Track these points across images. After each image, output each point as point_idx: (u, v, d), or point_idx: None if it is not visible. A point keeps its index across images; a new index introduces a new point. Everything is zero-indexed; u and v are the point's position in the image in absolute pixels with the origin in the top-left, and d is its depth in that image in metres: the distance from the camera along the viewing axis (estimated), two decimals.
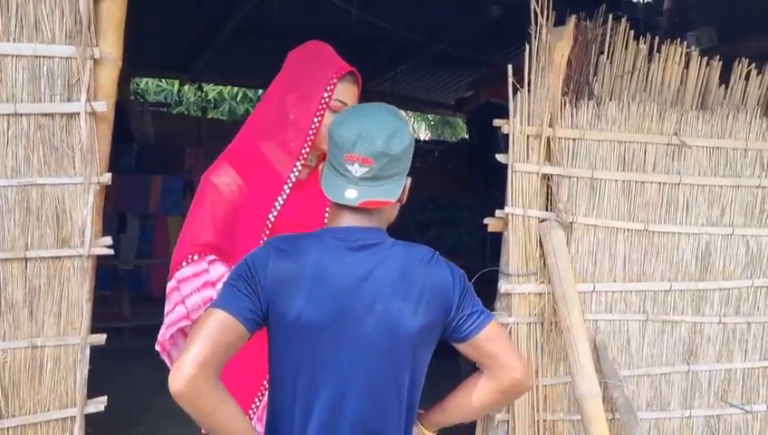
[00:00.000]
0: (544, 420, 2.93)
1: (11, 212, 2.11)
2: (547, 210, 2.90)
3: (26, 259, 2.13)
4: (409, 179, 1.64)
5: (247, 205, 2.11)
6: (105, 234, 2.28)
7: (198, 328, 1.49)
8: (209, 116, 9.10)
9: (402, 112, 1.68)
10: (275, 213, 2.10)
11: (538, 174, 2.85)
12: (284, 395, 1.59)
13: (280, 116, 2.11)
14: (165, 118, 7.94)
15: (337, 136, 1.59)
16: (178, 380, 1.43)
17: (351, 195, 1.55)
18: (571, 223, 2.91)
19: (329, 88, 2.08)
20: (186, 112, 8.85)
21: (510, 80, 2.77)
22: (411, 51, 6.70)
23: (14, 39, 2.07)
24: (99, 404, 2.26)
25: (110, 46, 2.20)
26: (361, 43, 6.06)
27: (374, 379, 1.58)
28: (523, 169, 2.84)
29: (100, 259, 2.17)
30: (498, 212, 2.86)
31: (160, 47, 6.80)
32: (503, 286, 2.87)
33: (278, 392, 1.62)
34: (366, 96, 2.13)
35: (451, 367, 1.70)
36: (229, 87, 9.14)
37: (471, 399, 1.71)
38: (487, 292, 2.42)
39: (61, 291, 2.19)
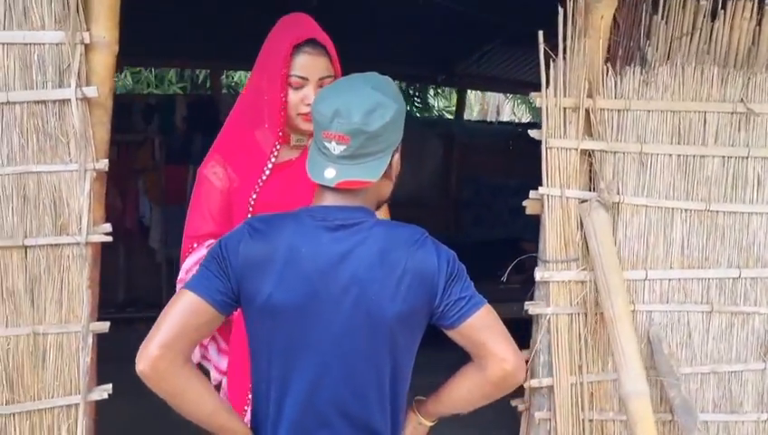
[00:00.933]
0: (590, 420, 2.68)
1: (8, 200, 2.12)
2: (590, 190, 2.63)
3: (26, 247, 2.15)
4: (397, 156, 1.55)
5: (238, 190, 2.06)
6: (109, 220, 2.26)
7: (167, 309, 1.48)
8: None
9: (392, 85, 1.56)
10: (254, 196, 2.02)
11: (577, 150, 2.59)
12: (260, 379, 1.57)
13: (258, 97, 2.01)
14: None
15: (316, 112, 1.53)
16: (142, 360, 1.42)
17: (330, 174, 1.49)
18: (618, 203, 2.63)
19: (286, 60, 1.94)
20: None
21: (541, 47, 2.52)
22: (496, 32, 6.41)
23: (4, 27, 2.07)
24: (103, 392, 2.25)
25: (103, 30, 2.16)
26: (445, 28, 5.89)
27: (351, 365, 1.51)
28: (559, 145, 2.59)
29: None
30: (532, 193, 2.62)
31: (251, 41, 6.86)
32: (539, 273, 2.63)
33: (255, 376, 1.59)
34: (454, 79, 1.97)
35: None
36: None
37: (462, 390, 1.62)
38: None
39: (61, 279, 2.19)
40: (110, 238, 2.22)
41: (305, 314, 1.48)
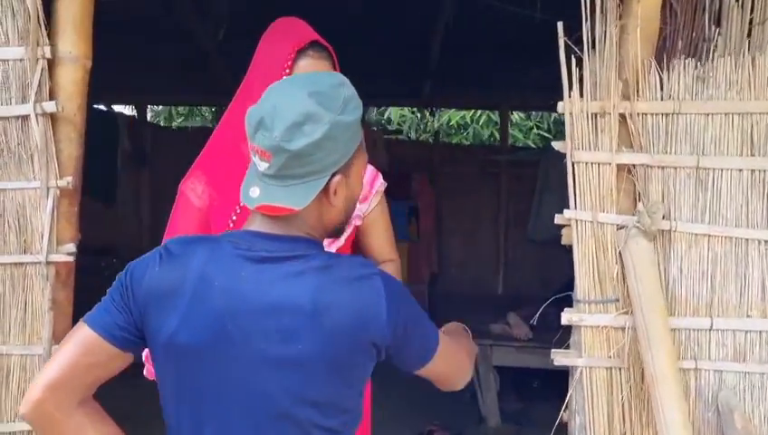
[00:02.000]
0: None
1: None
2: (633, 214, 2.13)
3: None
4: (337, 178, 1.25)
5: (218, 209, 1.90)
6: (94, 241, 2.19)
7: (61, 344, 1.30)
8: (454, 141, 8.95)
9: (343, 91, 1.25)
10: (234, 216, 1.85)
11: (611, 165, 2.10)
12: (170, 428, 1.33)
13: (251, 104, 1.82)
14: (400, 145, 7.97)
15: (246, 119, 1.28)
16: (24, 403, 1.24)
17: (254, 193, 1.26)
18: (669, 232, 2.09)
19: (287, 64, 1.78)
20: (430, 139, 8.80)
21: (561, 41, 2.09)
22: None
23: None
24: None
25: (70, 45, 2.12)
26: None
27: (265, 419, 1.25)
28: (588, 160, 2.12)
29: None
30: (558, 217, 2.17)
31: (392, 75, 6.83)
32: (565, 316, 2.15)
33: (167, 424, 1.35)
34: None
35: None
36: (472, 111, 8.90)
37: None
38: None
39: (24, 298, 2.14)
40: (71, 258, 2.13)
41: (214, 358, 1.24)
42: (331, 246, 1.84)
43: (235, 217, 1.87)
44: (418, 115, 9.10)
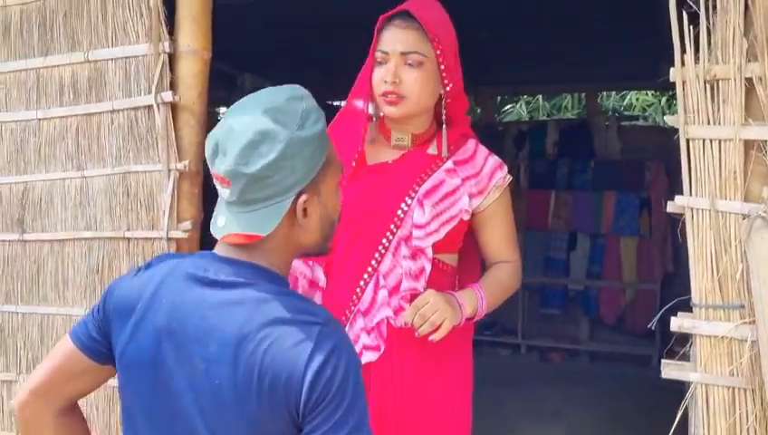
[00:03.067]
0: None
1: (116, 196, 2.40)
2: (762, 202, 1.73)
3: (128, 239, 2.39)
4: (304, 198, 1.20)
5: None
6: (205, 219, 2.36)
7: (52, 349, 1.36)
8: None
9: (302, 104, 1.19)
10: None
11: (735, 141, 1.73)
12: None
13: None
14: (635, 132, 7.34)
15: (206, 145, 1.25)
16: (15, 398, 1.33)
17: (220, 223, 1.22)
18: None
19: (375, 38, 1.80)
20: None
21: None
22: None
23: (111, 44, 2.37)
24: None
25: (189, 40, 2.29)
26: None
27: None
28: (706, 136, 1.77)
29: (550, 277, 2.02)
30: (670, 205, 1.84)
31: (624, 58, 6.38)
32: (676, 321, 1.82)
33: None
34: None
35: None
36: None
37: None
38: None
39: None
40: (184, 235, 2.31)
41: (151, 378, 1.21)
42: (426, 239, 1.77)
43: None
44: (661, 100, 8.31)
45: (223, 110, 7.71)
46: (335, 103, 5.75)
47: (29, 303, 2.54)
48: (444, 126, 1.84)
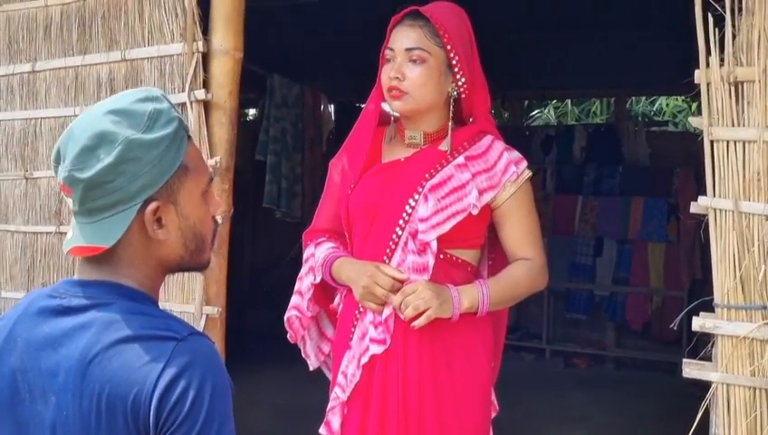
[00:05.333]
0: None
1: None
2: None
3: None
4: (153, 206, 1.09)
5: (343, 185, 1.96)
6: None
7: None
8: None
9: (152, 106, 1.09)
10: (349, 192, 1.90)
11: (758, 143, 1.75)
12: None
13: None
14: (664, 137, 7.29)
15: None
16: None
17: (68, 235, 1.13)
18: None
19: (387, 36, 1.85)
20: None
21: None
22: None
23: (147, 44, 2.44)
24: None
25: (221, 39, 2.36)
26: None
27: None
28: (730, 137, 1.79)
29: (575, 282, 1.89)
30: (694, 206, 1.86)
31: (654, 63, 6.36)
32: (698, 321, 1.84)
33: None
34: None
35: None
36: None
37: None
38: None
39: None
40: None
41: (15, 421, 1.11)
42: (429, 232, 1.78)
43: (349, 193, 1.89)
44: (692, 105, 8.25)
45: (252, 111, 7.85)
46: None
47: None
48: (450, 121, 1.85)
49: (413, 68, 1.79)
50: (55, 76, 2.64)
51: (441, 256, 1.81)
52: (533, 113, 8.82)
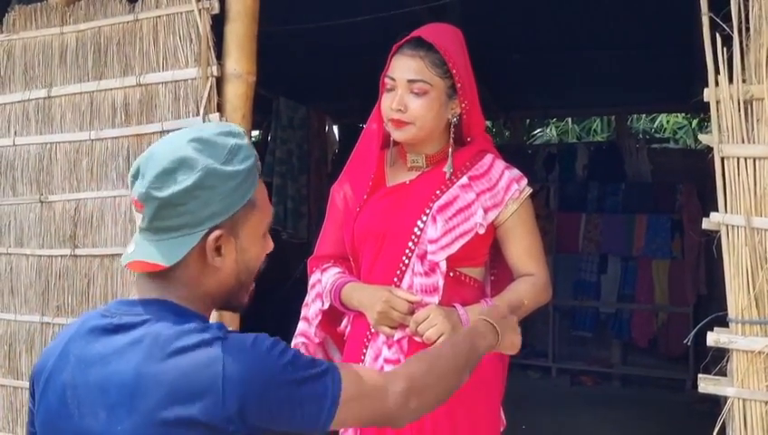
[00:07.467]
0: None
1: None
2: None
3: None
4: (216, 234, 1.13)
5: (347, 210, 1.97)
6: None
7: None
8: None
9: (230, 141, 1.15)
10: (359, 207, 1.91)
11: None
12: None
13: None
14: (666, 154, 7.34)
15: None
16: None
17: (129, 249, 1.17)
18: None
19: (387, 63, 1.86)
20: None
21: (705, 17, 1.82)
22: None
23: (162, 68, 2.48)
24: None
25: (235, 64, 2.40)
26: None
27: None
28: (740, 154, 1.82)
29: (581, 300, 1.89)
30: (705, 222, 1.88)
31: (654, 81, 6.43)
32: (713, 337, 1.86)
33: None
34: None
35: None
36: None
37: None
38: None
39: None
40: None
41: (58, 433, 1.16)
42: (439, 253, 1.79)
43: (359, 210, 1.90)
44: (692, 122, 8.32)
45: (254, 133, 7.91)
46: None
47: (80, 315, 2.63)
48: (450, 144, 1.87)
49: (414, 100, 1.80)
50: (70, 101, 2.67)
51: (450, 275, 1.83)
52: (536, 132, 8.87)
